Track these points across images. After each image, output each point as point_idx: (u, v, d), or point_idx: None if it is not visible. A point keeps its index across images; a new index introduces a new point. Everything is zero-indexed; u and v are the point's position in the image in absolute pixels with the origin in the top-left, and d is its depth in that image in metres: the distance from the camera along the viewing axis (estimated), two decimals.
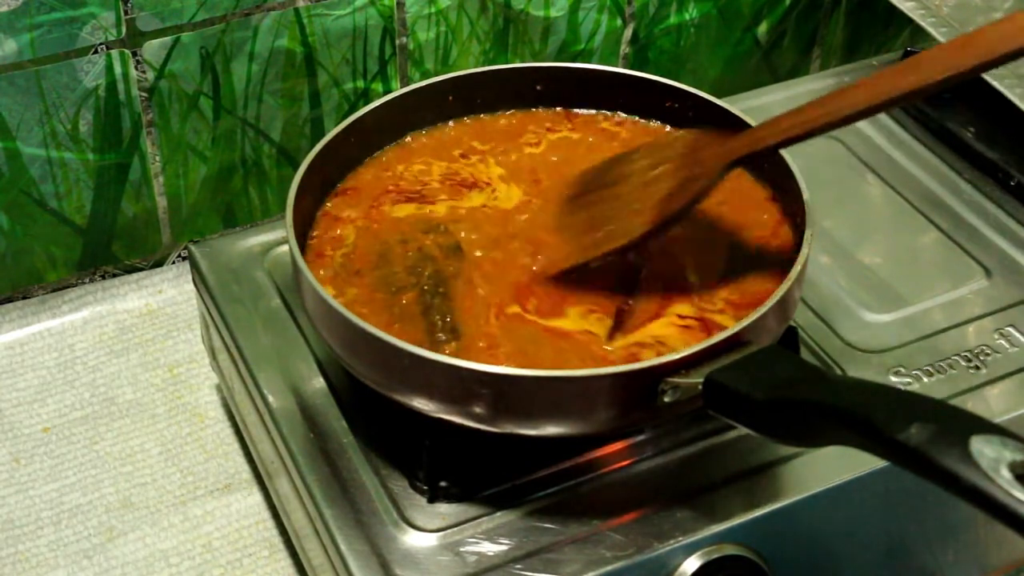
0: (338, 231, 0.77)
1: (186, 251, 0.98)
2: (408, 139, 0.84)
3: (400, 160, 0.82)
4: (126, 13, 0.88)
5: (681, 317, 0.71)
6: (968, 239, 0.88)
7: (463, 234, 0.77)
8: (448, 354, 0.67)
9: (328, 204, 0.79)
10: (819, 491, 0.70)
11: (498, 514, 0.69)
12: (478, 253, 0.75)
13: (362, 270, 0.74)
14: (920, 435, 0.52)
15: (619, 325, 0.70)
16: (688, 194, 0.71)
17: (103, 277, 0.99)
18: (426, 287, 0.73)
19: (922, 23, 0.96)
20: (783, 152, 0.76)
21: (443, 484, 0.70)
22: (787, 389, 0.60)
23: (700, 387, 0.63)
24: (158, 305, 0.98)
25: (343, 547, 0.67)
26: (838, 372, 0.77)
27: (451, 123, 0.85)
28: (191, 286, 0.89)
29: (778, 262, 0.73)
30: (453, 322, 0.70)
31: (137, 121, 0.93)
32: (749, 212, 0.78)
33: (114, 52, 0.89)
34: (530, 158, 0.83)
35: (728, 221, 0.78)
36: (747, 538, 0.69)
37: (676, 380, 0.64)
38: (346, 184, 0.80)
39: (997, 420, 0.59)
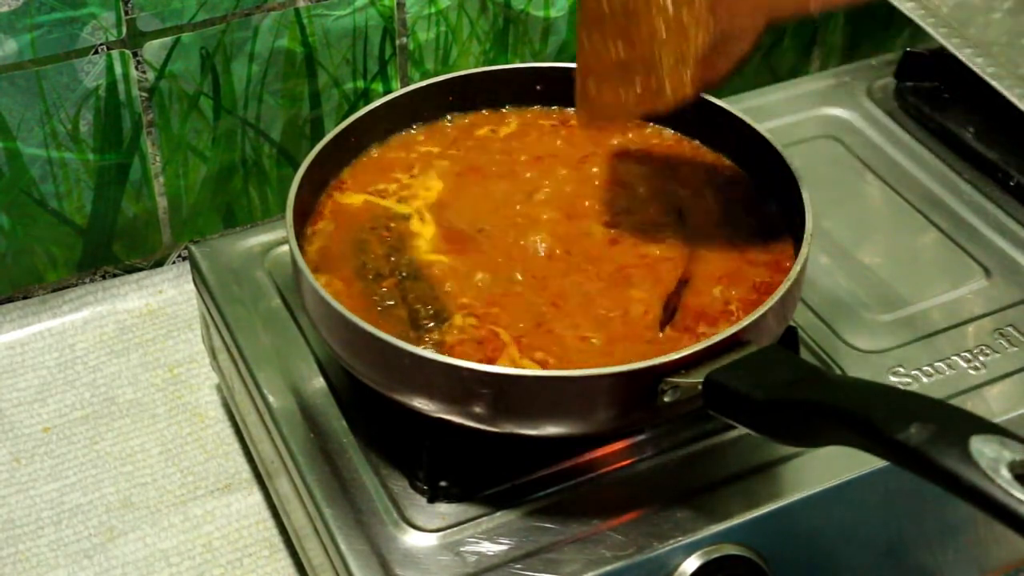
0: (318, 224, 0.77)
1: (186, 251, 0.98)
2: (406, 138, 0.84)
3: (393, 157, 0.82)
4: (126, 13, 0.88)
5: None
6: (968, 239, 0.88)
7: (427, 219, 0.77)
8: (434, 339, 0.68)
9: (321, 199, 0.79)
10: (819, 491, 0.70)
11: (498, 514, 0.69)
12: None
13: (338, 260, 0.75)
14: (920, 435, 0.52)
15: (670, 318, 0.70)
16: (730, 60, 0.65)
17: (103, 277, 0.99)
18: (404, 273, 0.73)
19: (922, 23, 0.95)
20: (782, 151, 0.76)
21: (443, 484, 0.70)
22: (787, 389, 0.60)
23: (700, 387, 0.63)
24: (158, 305, 0.98)
25: (343, 547, 0.67)
26: (838, 372, 0.77)
27: (450, 119, 0.85)
28: (191, 286, 0.89)
29: (778, 262, 0.73)
30: (435, 308, 0.71)
31: (137, 121, 0.93)
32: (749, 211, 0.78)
33: (114, 52, 0.89)
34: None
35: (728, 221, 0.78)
36: (747, 538, 0.69)
37: (676, 380, 0.64)
38: (342, 180, 0.80)
39: (997, 420, 0.59)
